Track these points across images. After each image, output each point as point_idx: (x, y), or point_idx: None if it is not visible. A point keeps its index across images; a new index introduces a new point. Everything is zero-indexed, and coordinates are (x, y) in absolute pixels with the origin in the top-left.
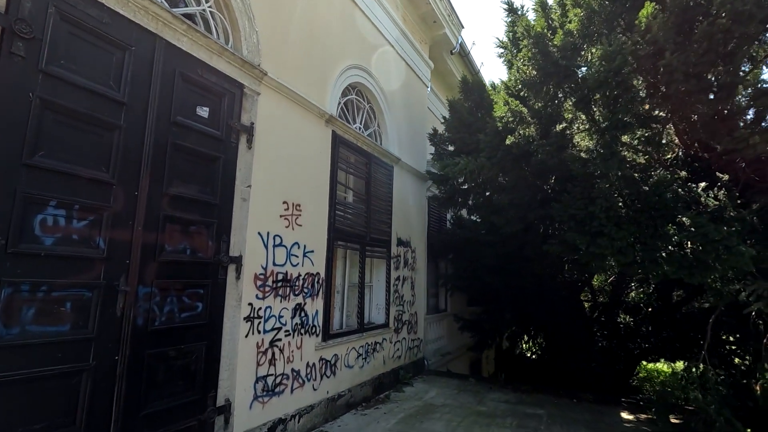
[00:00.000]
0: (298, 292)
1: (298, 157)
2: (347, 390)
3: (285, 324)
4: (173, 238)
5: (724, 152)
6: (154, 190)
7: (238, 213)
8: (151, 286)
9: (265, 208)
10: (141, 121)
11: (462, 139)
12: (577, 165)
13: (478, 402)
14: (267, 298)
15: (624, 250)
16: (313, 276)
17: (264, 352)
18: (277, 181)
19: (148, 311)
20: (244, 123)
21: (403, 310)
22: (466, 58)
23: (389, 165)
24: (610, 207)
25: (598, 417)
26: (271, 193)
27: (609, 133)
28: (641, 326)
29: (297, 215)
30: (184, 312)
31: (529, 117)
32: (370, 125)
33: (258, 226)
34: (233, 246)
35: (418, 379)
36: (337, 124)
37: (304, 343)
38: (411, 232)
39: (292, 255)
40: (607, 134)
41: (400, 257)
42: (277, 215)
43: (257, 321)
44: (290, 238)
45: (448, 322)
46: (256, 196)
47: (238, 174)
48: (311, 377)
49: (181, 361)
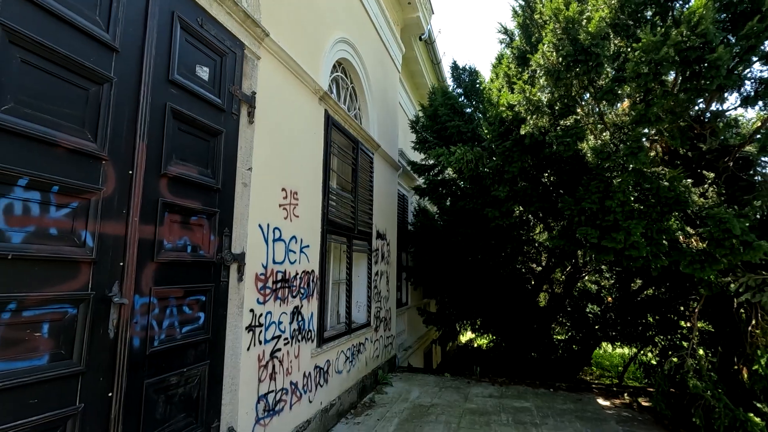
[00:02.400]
0: (296, 293)
1: (294, 138)
2: (337, 398)
3: (284, 331)
4: (173, 231)
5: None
6: (152, 168)
7: (240, 201)
8: (149, 295)
9: (265, 195)
10: (135, 74)
11: (456, 126)
12: (600, 158)
13: (464, 399)
14: (267, 302)
15: (637, 244)
16: (309, 274)
17: (265, 366)
18: (276, 165)
19: (146, 328)
20: (245, 92)
21: (380, 307)
22: (431, 45)
23: (370, 151)
24: (625, 201)
25: (580, 406)
26: (271, 178)
27: (641, 126)
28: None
29: (294, 204)
30: (186, 325)
31: (546, 107)
32: (352, 108)
33: (258, 217)
34: (235, 241)
35: (395, 377)
36: (330, 103)
37: (302, 351)
38: (386, 225)
39: (290, 251)
40: (639, 128)
41: (378, 251)
42: (277, 204)
43: (258, 330)
44: (289, 230)
45: (409, 315)
46: (256, 181)
47: (240, 153)
48: (307, 389)
49: (182, 388)
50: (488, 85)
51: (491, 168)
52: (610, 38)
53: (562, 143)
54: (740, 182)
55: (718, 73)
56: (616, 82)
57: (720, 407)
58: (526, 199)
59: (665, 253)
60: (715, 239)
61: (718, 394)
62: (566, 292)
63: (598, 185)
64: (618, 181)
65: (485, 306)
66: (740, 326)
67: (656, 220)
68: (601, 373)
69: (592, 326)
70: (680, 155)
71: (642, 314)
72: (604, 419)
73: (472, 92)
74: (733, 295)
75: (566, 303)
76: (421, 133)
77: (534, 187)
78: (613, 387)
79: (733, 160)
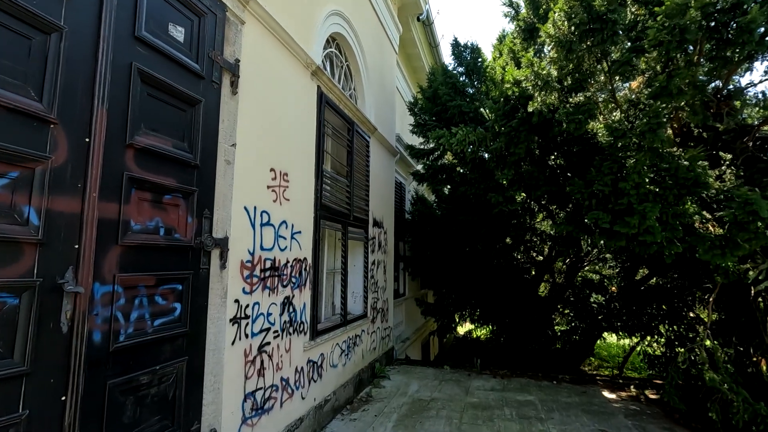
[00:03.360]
0: (286, 282)
1: (284, 115)
2: (332, 393)
3: (274, 323)
4: (142, 211)
5: (725, 131)
6: (115, 137)
7: (222, 180)
8: (113, 283)
9: (252, 175)
10: (93, 26)
11: (458, 106)
12: (615, 135)
13: (465, 393)
14: (255, 292)
15: (652, 229)
16: (301, 262)
17: (252, 361)
18: (264, 142)
19: (109, 321)
20: (227, 59)
21: (377, 297)
22: (429, 27)
23: (367, 135)
24: (640, 183)
25: (586, 399)
26: (258, 157)
27: (661, 99)
28: (611, 304)
29: (285, 187)
30: (159, 318)
31: (555, 82)
32: (347, 88)
33: (244, 199)
34: (217, 224)
35: (393, 370)
36: (323, 79)
37: (293, 345)
38: (384, 212)
39: (280, 236)
40: (658, 101)
41: (375, 239)
42: (264, 186)
43: (245, 322)
44: (278, 214)
45: (406, 306)
46: (241, 159)
47: (222, 127)
48: (300, 384)
49: (156, 388)
50: (491, 63)
51: (495, 150)
52: (627, 4)
53: (573, 121)
54: (759, 164)
55: (750, 38)
56: (634, 52)
57: (738, 401)
58: (531, 183)
59: (680, 238)
60: (739, 222)
61: (737, 387)
62: (567, 281)
63: (611, 166)
64: (632, 161)
65: (484, 297)
66: (758, 316)
67: (672, 204)
68: (600, 363)
69: (595, 316)
70: (693, 136)
71: (647, 304)
72: (611, 413)
73: (474, 71)
74: (750, 283)
75: (568, 293)
76: (419, 116)
77: (540, 170)
78: (618, 379)
79: (752, 140)
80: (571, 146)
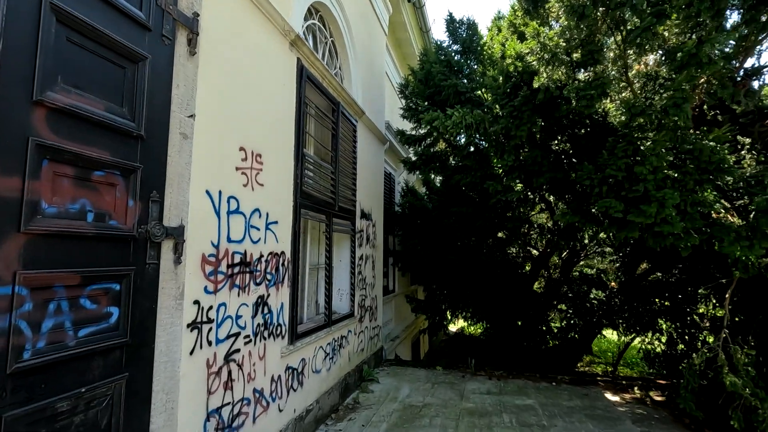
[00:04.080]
0: (260, 279)
1: (257, 87)
2: (315, 402)
3: (245, 327)
4: (60, 190)
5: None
6: (15, 90)
7: (177, 157)
8: (12, 283)
9: (217, 154)
10: None
11: (453, 86)
12: (633, 112)
13: (460, 397)
14: (221, 291)
15: (670, 218)
16: (278, 256)
17: (217, 373)
18: (233, 117)
19: (6, 334)
20: (182, 11)
21: (365, 295)
22: (420, 10)
23: (354, 118)
24: (658, 167)
25: (588, 402)
26: (224, 133)
27: (689, 69)
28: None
29: (257, 170)
30: (86, 326)
31: (564, 54)
32: (332, 66)
33: (206, 181)
34: (170, 210)
35: (381, 372)
36: (304, 51)
37: (269, 351)
38: (372, 204)
39: (253, 227)
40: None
41: (363, 232)
42: (233, 167)
43: (207, 327)
44: (250, 201)
45: (396, 303)
46: (202, 134)
47: (176, 94)
48: (276, 395)
49: (81, 416)
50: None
51: (494, 134)
52: None
53: (584, 97)
54: None
55: None
56: (656, 17)
57: (764, 409)
58: (534, 169)
59: (696, 229)
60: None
61: (762, 393)
62: (564, 277)
63: (626, 148)
64: (649, 144)
65: (477, 293)
66: None
67: (692, 191)
68: (591, 359)
69: (594, 313)
70: (707, 120)
71: (649, 300)
72: (617, 418)
73: (471, 51)
74: None
75: (564, 289)
76: (411, 99)
77: (544, 156)
78: (621, 380)
79: None
80: (578, 128)
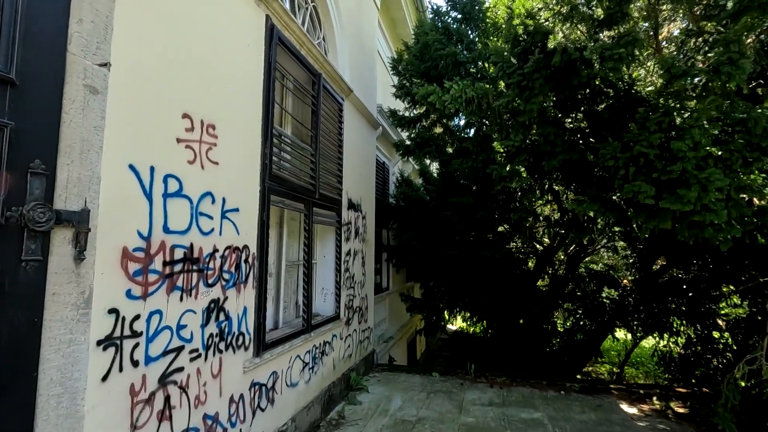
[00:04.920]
0: (213, 279)
1: (210, 41)
2: (290, 420)
3: (190, 339)
4: None
5: None
6: None
7: (80, 117)
8: None
9: (146, 118)
10: None
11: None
12: (672, 74)
13: (459, 409)
14: (153, 295)
15: (714, 205)
16: (240, 251)
17: (148, 401)
18: (174, 74)
19: None
20: None
21: (354, 295)
22: None
23: (339, 96)
24: (700, 143)
25: (603, 415)
26: (160, 93)
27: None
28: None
29: (209, 144)
30: None
31: (585, 5)
32: (315, 36)
33: (130, 153)
34: (66, 188)
35: (372, 379)
36: (275, 7)
37: (226, 366)
38: (362, 193)
39: (203, 214)
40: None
41: (351, 225)
42: (172, 138)
43: (131, 343)
44: (198, 182)
45: (390, 301)
46: (124, 90)
47: (77, 31)
48: (238, 419)
49: None
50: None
51: (499, 109)
52: None
53: (611, 58)
54: None
55: None
56: None
57: None
58: (546, 150)
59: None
60: None
61: None
62: (570, 273)
63: (661, 120)
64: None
65: (478, 291)
66: None
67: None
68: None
69: (606, 313)
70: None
71: (666, 299)
72: None
73: (472, 18)
74: None
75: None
76: (404, 76)
77: (558, 133)
78: (636, 388)
79: None
80: (600, 100)
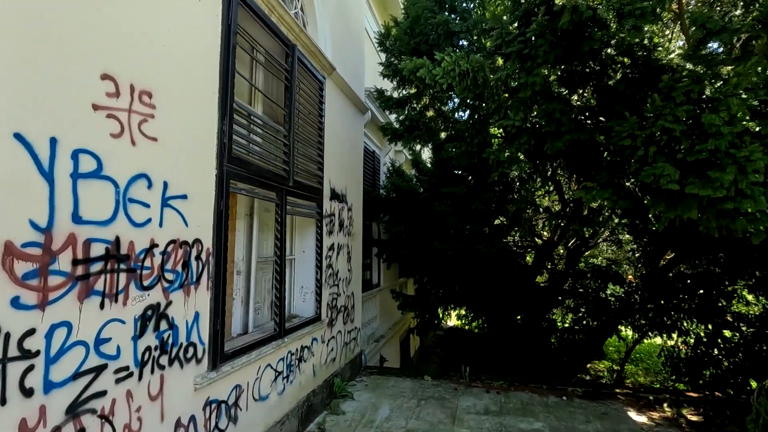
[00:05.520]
0: (151, 280)
1: None
2: None
3: (117, 355)
4: None
5: None
6: None
7: None
8: None
9: (44, 75)
10: None
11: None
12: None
13: (452, 419)
14: (57, 302)
15: (751, 190)
16: (189, 246)
17: None
18: (87, 17)
19: None
20: None
21: (338, 293)
22: None
23: (320, 75)
24: (736, 116)
25: (610, 425)
26: (65, 45)
27: None
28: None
29: (144, 116)
30: None
31: None
32: (290, 5)
33: (16, 119)
34: None
35: (359, 384)
36: None
37: (170, 385)
38: (347, 182)
39: (135, 201)
40: None
41: (334, 216)
42: (87, 103)
43: (22, 366)
44: (127, 162)
45: (381, 298)
46: (5, 36)
47: None
48: None
49: None
50: None
51: (497, 84)
52: None
53: (631, 14)
54: None
55: None
56: None
57: None
58: (550, 129)
59: None
60: None
61: None
62: (571, 269)
63: (690, 89)
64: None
65: (474, 287)
66: None
67: None
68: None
69: (610, 311)
70: None
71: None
72: None
73: None
74: None
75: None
76: (392, 52)
77: (563, 111)
78: (643, 392)
79: None
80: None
